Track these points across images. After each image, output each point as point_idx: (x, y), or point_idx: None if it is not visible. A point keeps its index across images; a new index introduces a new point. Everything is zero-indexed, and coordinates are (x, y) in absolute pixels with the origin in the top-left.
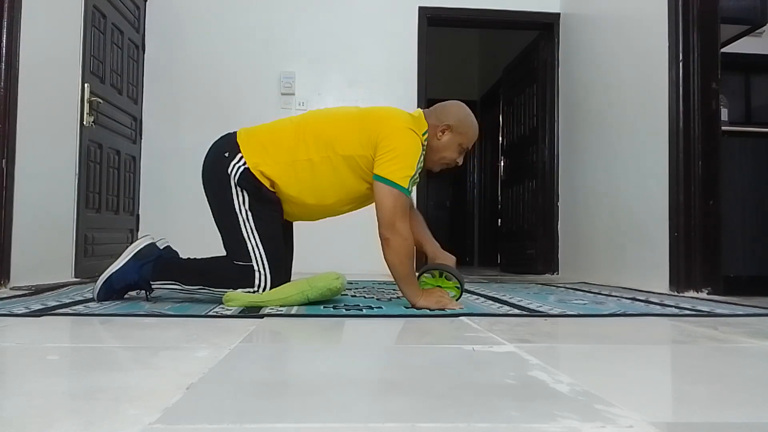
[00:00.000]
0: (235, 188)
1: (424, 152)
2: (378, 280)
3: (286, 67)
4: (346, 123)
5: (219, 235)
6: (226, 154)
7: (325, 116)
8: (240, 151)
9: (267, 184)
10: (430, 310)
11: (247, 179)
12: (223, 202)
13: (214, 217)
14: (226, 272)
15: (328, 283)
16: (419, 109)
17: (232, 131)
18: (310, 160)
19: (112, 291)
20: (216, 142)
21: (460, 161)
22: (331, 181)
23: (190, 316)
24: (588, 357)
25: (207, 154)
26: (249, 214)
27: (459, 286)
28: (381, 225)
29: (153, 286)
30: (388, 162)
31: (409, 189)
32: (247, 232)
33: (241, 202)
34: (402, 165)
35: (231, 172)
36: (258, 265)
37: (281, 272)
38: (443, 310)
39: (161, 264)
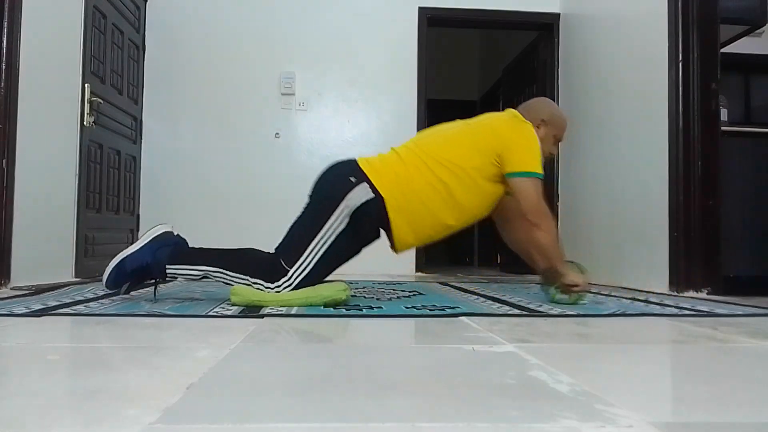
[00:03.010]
0: (341, 212)
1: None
2: (378, 280)
3: (286, 67)
4: (461, 138)
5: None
6: (352, 179)
7: (437, 138)
8: (367, 181)
9: (393, 216)
10: (566, 293)
11: (367, 210)
12: (318, 214)
13: (300, 217)
14: (256, 260)
15: (334, 293)
16: (510, 110)
17: (350, 159)
18: (442, 180)
19: (123, 275)
20: (340, 163)
21: (555, 152)
22: (469, 195)
23: (190, 316)
24: (588, 357)
25: (329, 169)
26: (332, 238)
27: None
28: (529, 213)
29: (168, 270)
30: (518, 157)
31: (542, 173)
32: (314, 249)
33: (334, 226)
34: (531, 154)
35: (350, 196)
36: (294, 274)
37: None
38: (579, 294)
39: (180, 249)
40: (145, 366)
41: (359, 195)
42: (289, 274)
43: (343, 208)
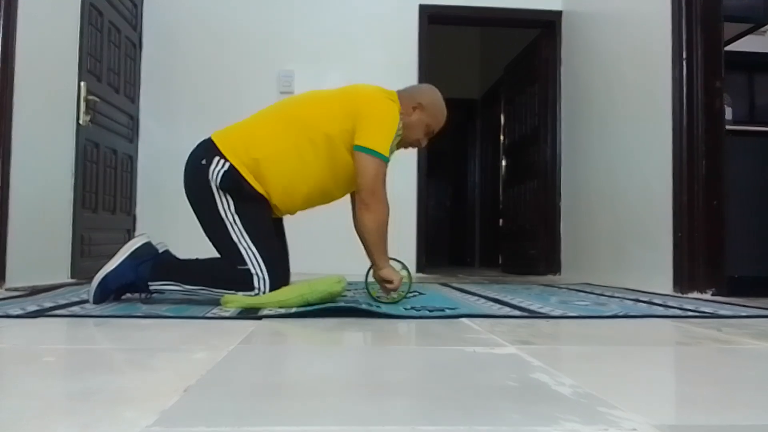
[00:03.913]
0: (218, 193)
1: (400, 124)
2: None
3: (285, 65)
4: (323, 102)
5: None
6: (203, 161)
7: (300, 99)
8: (217, 154)
9: (251, 179)
10: (383, 290)
11: (230, 179)
12: (207, 211)
13: (202, 227)
14: (227, 274)
15: (329, 287)
16: (393, 91)
17: (205, 138)
18: (295, 145)
19: (108, 292)
20: (192, 152)
21: (424, 143)
22: (321, 162)
23: (188, 318)
24: (590, 359)
25: (185, 166)
26: (235, 217)
27: (408, 281)
28: (362, 191)
29: (151, 287)
30: (367, 131)
31: (388, 157)
32: (237, 236)
33: (226, 207)
34: (381, 134)
35: (212, 177)
36: (255, 268)
37: (279, 271)
38: (393, 291)
39: (160, 264)
40: (142, 368)
41: (216, 171)
42: (252, 271)
43: (215, 190)
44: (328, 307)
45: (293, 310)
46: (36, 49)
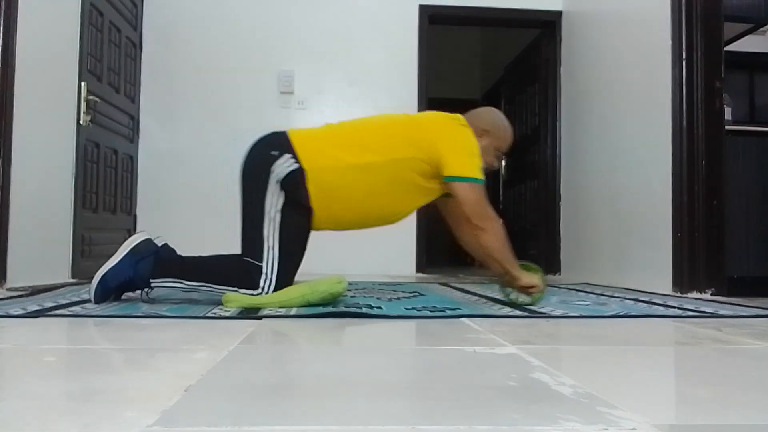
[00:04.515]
0: (274, 187)
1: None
2: (378, 280)
3: (285, 65)
4: (399, 127)
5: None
6: (274, 152)
7: (376, 122)
8: (291, 152)
9: (311, 190)
10: (526, 293)
11: (293, 181)
12: (255, 197)
13: (242, 209)
14: (232, 269)
15: (330, 287)
16: (457, 114)
17: (280, 131)
18: (370, 163)
19: (108, 290)
20: (264, 137)
21: (496, 165)
22: (393, 186)
23: (189, 318)
24: (590, 359)
25: (252, 147)
26: (278, 216)
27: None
28: (472, 218)
29: (153, 284)
30: (455, 160)
31: (483, 179)
32: (269, 233)
33: (274, 201)
34: (469, 158)
35: (275, 170)
36: (267, 268)
37: (287, 278)
38: (532, 294)
39: (161, 261)
40: (143, 368)
41: (283, 166)
42: (264, 270)
43: (274, 182)
44: (329, 312)
45: (294, 310)
46: (36, 49)
